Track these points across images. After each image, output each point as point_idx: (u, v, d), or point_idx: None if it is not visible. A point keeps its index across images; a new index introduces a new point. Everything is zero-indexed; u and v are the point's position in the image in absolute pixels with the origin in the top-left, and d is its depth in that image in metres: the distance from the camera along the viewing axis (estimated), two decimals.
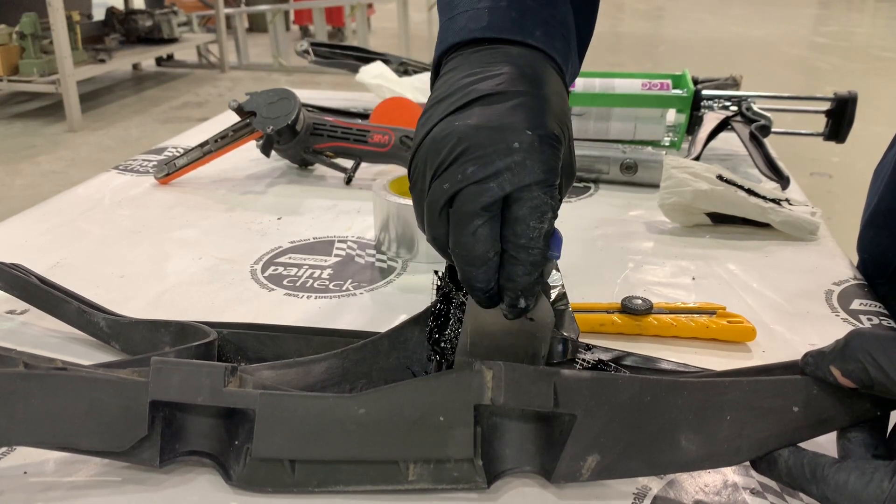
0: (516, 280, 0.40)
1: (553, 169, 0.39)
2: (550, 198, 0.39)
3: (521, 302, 0.40)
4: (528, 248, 0.39)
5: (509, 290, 0.40)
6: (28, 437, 0.40)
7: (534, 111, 0.39)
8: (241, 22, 5.27)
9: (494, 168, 0.38)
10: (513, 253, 0.39)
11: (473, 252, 0.39)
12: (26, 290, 0.58)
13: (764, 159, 0.91)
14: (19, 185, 2.99)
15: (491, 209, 0.38)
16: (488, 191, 0.38)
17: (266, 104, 0.88)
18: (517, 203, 0.38)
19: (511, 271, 0.39)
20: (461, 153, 0.38)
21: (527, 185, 0.38)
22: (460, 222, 0.39)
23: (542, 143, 0.39)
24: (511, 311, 0.41)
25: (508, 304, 0.41)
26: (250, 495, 0.41)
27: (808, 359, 0.39)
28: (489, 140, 0.38)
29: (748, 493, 0.42)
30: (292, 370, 0.44)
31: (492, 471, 0.41)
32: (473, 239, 0.38)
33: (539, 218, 0.38)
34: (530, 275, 0.40)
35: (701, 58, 5.50)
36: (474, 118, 0.39)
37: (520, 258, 0.39)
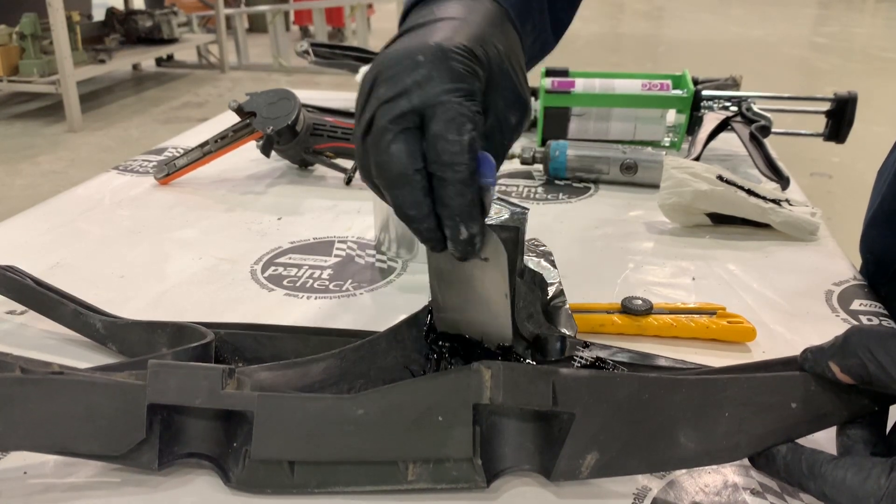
0: (449, 204, 0.38)
1: (463, 77, 0.38)
2: (466, 108, 0.38)
3: (463, 231, 0.38)
4: (453, 164, 0.37)
5: (446, 217, 0.38)
6: (26, 442, 0.40)
7: (448, 30, 0.40)
8: (241, 22, 5.27)
9: (402, 85, 0.37)
10: (439, 173, 0.37)
11: (391, 171, 0.37)
12: (22, 293, 0.58)
13: (764, 160, 0.91)
14: (19, 185, 2.99)
15: (400, 122, 0.37)
16: (397, 105, 0.37)
17: (266, 104, 0.88)
18: (432, 120, 0.37)
19: (441, 194, 0.38)
20: (374, 79, 0.39)
21: (434, 94, 0.37)
22: (375, 144, 0.38)
23: (450, 54, 0.38)
24: (456, 245, 0.39)
25: (451, 237, 0.39)
26: (249, 497, 0.41)
27: (806, 355, 0.39)
28: (398, 61, 0.38)
29: (748, 494, 0.42)
30: (290, 371, 0.44)
31: (491, 470, 0.41)
32: (388, 157, 0.37)
33: (457, 130, 0.37)
34: (463, 195, 0.38)
35: (701, 58, 5.50)
36: (393, 48, 0.40)
37: (447, 177, 0.37)
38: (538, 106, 1.02)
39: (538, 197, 0.88)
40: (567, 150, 0.91)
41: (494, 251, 0.41)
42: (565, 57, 0.97)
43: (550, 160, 0.91)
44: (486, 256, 0.41)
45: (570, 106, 1.01)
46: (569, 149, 0.91)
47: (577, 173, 0.91)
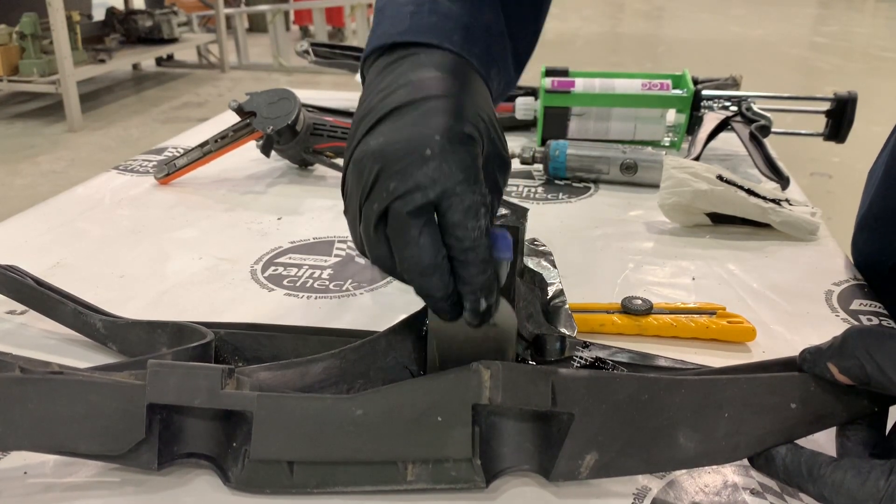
0: (472, 282, 0.40)
1: (470, 167, 0.39)
2: (479, 195, 0.39)
3: (482, 303, 0.41)
4: (474, 248, 0.39)
5: (468, 294, 0.40)
6: (25, 442, 0.40)
7: (442, 114, 0.40)
8: (241, 22, 5.27)
9: (414, 181, 0.38)
10: (461, 258, 0.39)
11: (422, 262, 0.39)
12: (22, 292, 0.58)
13: (764, 159, 0.91)
14: (19, 185, 2.99)
15: (422, 215, 0.39)
16: (413, 200, 0.38)
17: (266, 104, 0.88)
18: (449, 210, 0.39)
19: (465, 275, 0.40)
20: (380, 172, 0.39)
21: (449, 187, 0.38)
22: (399, 237, 0.39)
23: (455, 145, 0.39)
24: (474, 315, 0.41)
25: (471, 309, 0.41)
26: (249, 497, 0.41)
27: (805, 355, 0.39)
28: (402, 153, 0.39)
29: (748, 494, 0.42)
30: (290, 371, 0.44)
31: (490, 470, 0.41)
32: (418, 249, 0.39)
33: (474, 217, 0.39)
34: (484, 272, 0.40)
35: (701, 58, 5.50)
36: (385, 135, 0.40)
37: (468, 259, 0.39)
38: (538, 106, 1.02)
39: (538, 197, 0.88)
40: (567, 150, 0.91)
41: (504, 317, 0.43)
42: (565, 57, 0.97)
43: (550, 160, 0.91)
44: (494, 322, 0.43)
45: (570, 106, 1.01)
46: (569, 149, 0.91)
47: (577, 173, 0.91)
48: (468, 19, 0.47)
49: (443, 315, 0.42)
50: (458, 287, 0.40)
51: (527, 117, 1.06)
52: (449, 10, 0.46)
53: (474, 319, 0.41)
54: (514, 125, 1.09)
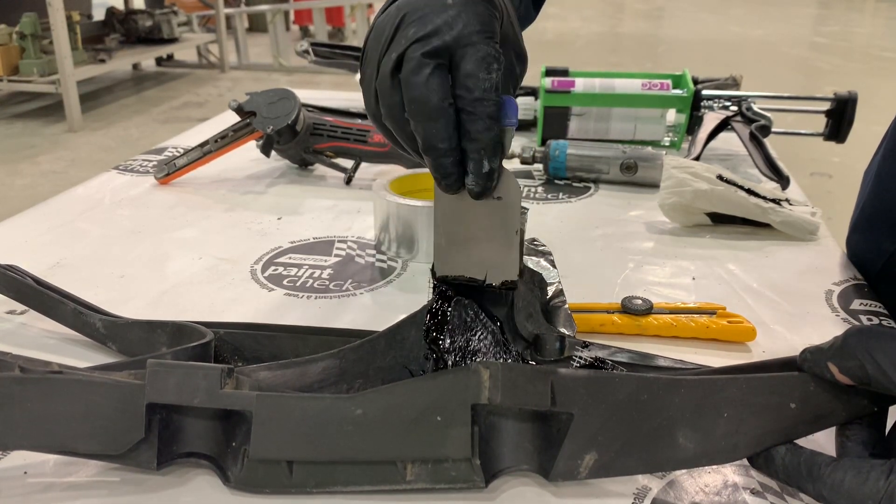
0: (478, 138, 0.40)
1: (488, 21, 0.41)
2: (494, 49, 0.40)
3: (486, 164, 0.41)
4: (483, 100, 0.40)
5: (473, 151, 0.41)
6: (25, 441, 0.40)
7: None
8: (241, 22, 5.27)
9: (433, 25, 0.40)
10: (469, 108, 0.40)
11: (429, 103, 0.40)
12: (22, 292, 0.58)
13: (764, 159, 0.91)
14: (19, 185, 2.99)
15: (436, 57, 0.40)
16: (430, 42, 0.39)
17: (266, 104, 0.88)
18: (463, 58, 0.40)
19: (471, 128, 0.40)
20: (402, 20, 0.40)
21: (466, 35, 0.40)
22: (410, 77, 0.40)
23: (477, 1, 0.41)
24: (478, 180, 0.41)
25: (474, 170, 0.41)
26: (248, 496, 0.41)
27: (805, 355, 0.39)
28: (427, 3, 0.40)
29: (748, 494, 0.42)
30: (289, 370, 0.44)
31: (490, 470, 0.41)
32: (426, 89, 0.39)
33: (486, 68, 0.40)
34: (491, 129, 0.40)
35: (701, 58, 5.50)
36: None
37: (477, 111, 0.40)
38: (538, 106, 1.02)
39: (538, 197, 0.88)
40: (567, 150, 0.91)
41: (508, 189, 0.44)
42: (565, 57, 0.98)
43: (550, 160, 0.91)
44: (499, 195, 0.43)
45: (570, 106, 1.01)
46: (569, 148, 0.91)
47: (577, 173, 0.91)
48: None
49: (446, 179, 0.42)
50: (463, 144, 0.41)
51: (527, 117, 1.06)
52: None
53: (477, 184, 0.42)
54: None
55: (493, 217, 0.44)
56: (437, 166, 0.42)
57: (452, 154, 0.41)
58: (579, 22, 7.26)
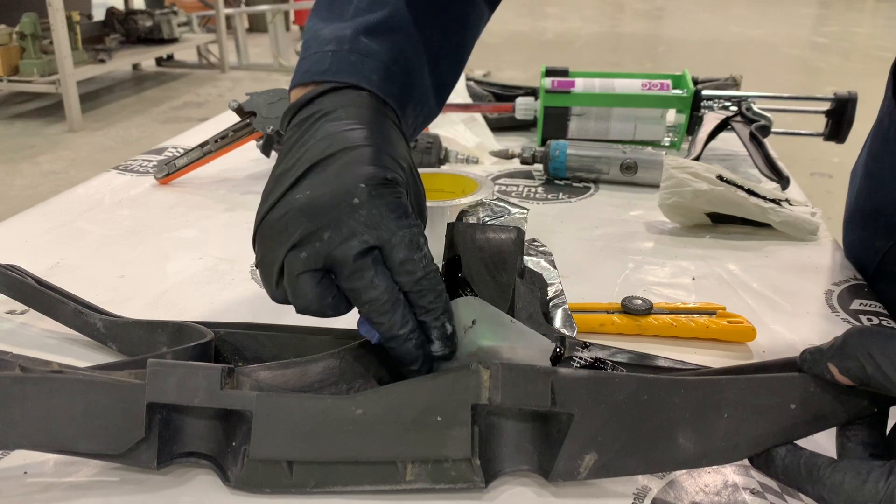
0: (433, 308, 0.42)
1: (399, 205, 0.41)
2: (415, 228, 0.41)
3: (448, 326, 0.43)
4: (427, 276, 0.41)
5: (433, 321, 0.42)
6: (25, 441, 0.40)
7: (363, 163, 0.41)
8: (241, 22, 5.27)
9: (349, 228, 0.40)
10: (416, 289, 0.41)
11: (382, 300, 0.41)
12: (22, 292, 0.58)
13: (764, 159, 0.91)
14: (19, 185, 2.99)
15: (367, 258, 0.40)
16: (353, 247, 0.40)
17: (266, 104, 0.88)
18: (392, 250, 0.41)
19: (424, 303, 0.42)
20: (315, 224, 0.40)
21: (385, 229, 0.40)
22: (354, 283, 0.40)
23: (381, 189, 0.41)
24: (445, 343, 0.43)
25: (439, 337, 0.43)
26: (248, 496, 0.41)
27: (805, 356, 0.39)
28: (334, 207, 0.40)
29: (748, 494, 0.42)
30: (289, 370, 0.44)
31: (490, 470, 0.41)
32: (374, 289, 0.40)
33: (418, 248, 0.41)
34: (440, 294, 0.42)
35: (701, 58, 5.50)
36: (310, 188, 0.41)
37: (424, 288, 0.41)
38: (538, 106, 1.02)
39: (538, 197, 0.88)
40: (567, 150, 0.91)
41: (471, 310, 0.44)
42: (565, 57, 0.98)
43: (550, 160, 0.91)
44: (472, 320, 0.44)
45: (570, 106, 1.01)
46: (569, 149, 0.91)
47: (577, 173, 0.91)
48: (387, 57, 0.48)
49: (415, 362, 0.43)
50: (420, 319, 0.42)
51: (527, 117, 1.06)
52: (369, 49, 0.48)
53: (446, 345, 0.43)
54: (514, 125, 1.09)
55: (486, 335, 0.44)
56: (405, 353, 0.42)
57: (415, 336, 0.42)
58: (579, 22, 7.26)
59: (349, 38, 0.48)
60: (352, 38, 0.48)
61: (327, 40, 0.48)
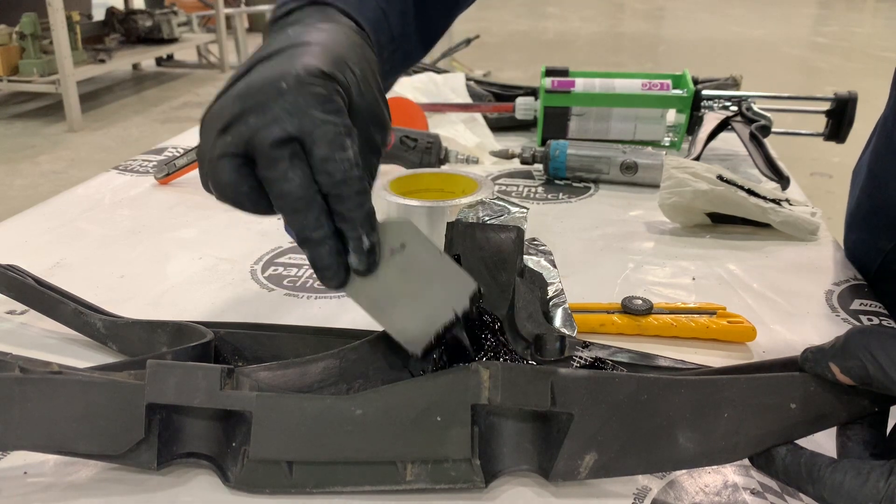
0: (352, 217, 0.39)
1: (328, 99, 0.39)
2: (341, 126, 0.39)
3: (366, 241, 0.40)
4: (346, 180, 0.39)
5: (350, 230, 0.40)
6: (25, 442, 0.40)
7: (304, 56, 0.40)
8: (241, 22, 5.26)
9: (272, 113, 0.38)
10: (335, 192, 0.39)
11: (293, 195, 0.38)
12: (22, 292, 0.58)
13: (764, 159, 0.91)
14: (19, 185, 2.99)
15: (286, 147, 0.38)
16: (272, 132, 0.38)
17: None
18: (314, 144, 0.38)
19: (342, 209, 0.39)
20: (238, 108, 0.39)
21: (308, 119, 0.38)
22: (269, 173, 0.39)
23: (312, 79, 0.39)
24: (360, 257, 0.40)
25: (356, 249, 0.40)
26: (248, 496, 0.41)
27: (807, 355, 0.39)
28: (261, 90, 0.39)
29: (748, 494, 0.42)
30: (289, 370, 0.44)
31: (489, 470, 0.41)
32: (287, 182, 0.38)
33: (341, 147, 0.39)
34: (362, 205, 0.39)
35: (701, 58, 5.50)
36: (250, 77, 0.40)
37: (343, 193, 0.39)
38: (538, 106, 1.02)
39: (538, 197, 0.88)
40: (567, 150, 0.91)
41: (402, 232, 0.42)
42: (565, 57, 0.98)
43: (550, 160, 0.91)
44: (401, 243, 0.42)
45: (570, 106, 1.01)
46: (569, 148, 0.91)
47: (577, 173, 0.91)
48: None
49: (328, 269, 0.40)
50: (338, 226, 0.40)
51: (527, 117, 1.06)
52: None
53: (362, 260, 0.40)
54: (514, 125, 1.09)
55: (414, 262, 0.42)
56: (316, 257, 0.40)
57: (328, 241, 0.40)
58: (579, 22, 7.26)
59: None
60: None
61: None
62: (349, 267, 0.41)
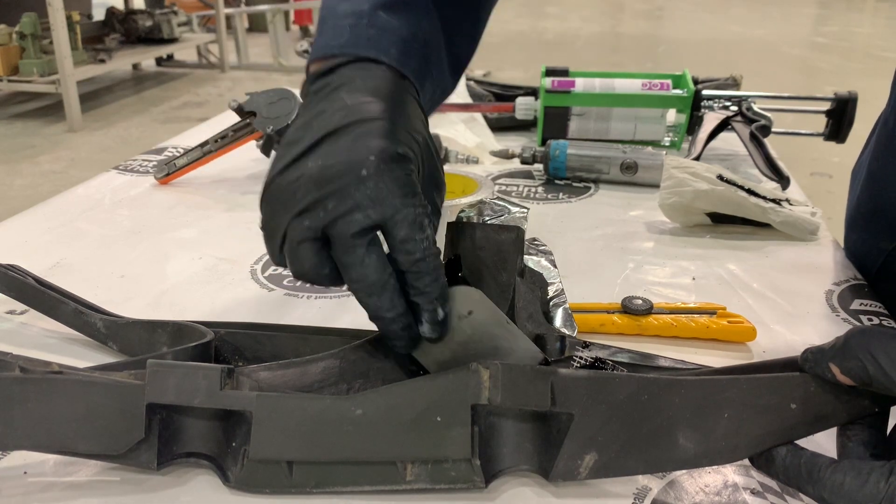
0: (428, 291, 0.41)
1: (407, 183, 0.40)
2: (420, 208, 0.40)
3: (440, 312, 0.41)
4: (425, 258, 0.40)
5: (425, 304, 0.41)
6: (25, 442, 0.40)
7: (376, 137, 0.41)
8: (241, 22, 5.27)
9: (353, 200, 0.39)
10: (414, 269, 0.40)
11: (370, 280, 0.40)
12: (23, 292, 0.58)
13: (764, 159, 0.91)
14: (19, 185, 2.99)
15: (366, 236, 0.39)
16: (356, 221, 0.39)
17: (266, 104, 0.88)
18: (395, 227, 0.40)
19: (420, 286, 0.41)
20: (320, 193, 0.39)
21: (390, 206, 0.39)
22: (345, 258, 0.40)
23: (390, 164, 0.40)
24: (433, 328, 0.42)
25: (430, 320, 0.41)
26: (248, 496, 0.41)
27: (807, 355, 0.39)
28: (338, 175, 0.39)
29: (748, 494, 0.42)
30: (289, 370, 0.44)
31: (489, 470, 0.41)
32: (364, 269, 0.40)
33: (420, 229, 0.40)
34: (437, 280, 0.41)
35: (701, 58, 5.50)
36: (321, 157, 0.40)
37: (422, 269, 0.40)
38: (538, 106, 1.02)
39: (538, 196, 0.88)
40: (567, 150, 0.91)
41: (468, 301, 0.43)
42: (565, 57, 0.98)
43: (550, 160, 0.91)
44: (468, 311, 0.43)
45: (570, 106, 1.01)
46: (569, 148, 0.91)
47: (577, 173, 0.91)
48: (406, 32, 0.47)
49: (399, 340, 0.42)
50: (413, 299, 0.41)
51: (527, 117, 1.06)
52: (387, 24, 0.47)
53: (434, 331, 0.42)
54: (514, 125, 1.09)
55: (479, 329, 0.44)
56: (388, 332, 0.42)
57: (403, 318, 0.41)
58: (579, 22, 7.26)
59: (367, 12, 0.47)
60: (370, 12, 0.47)
61: (345, 15, 0.47)
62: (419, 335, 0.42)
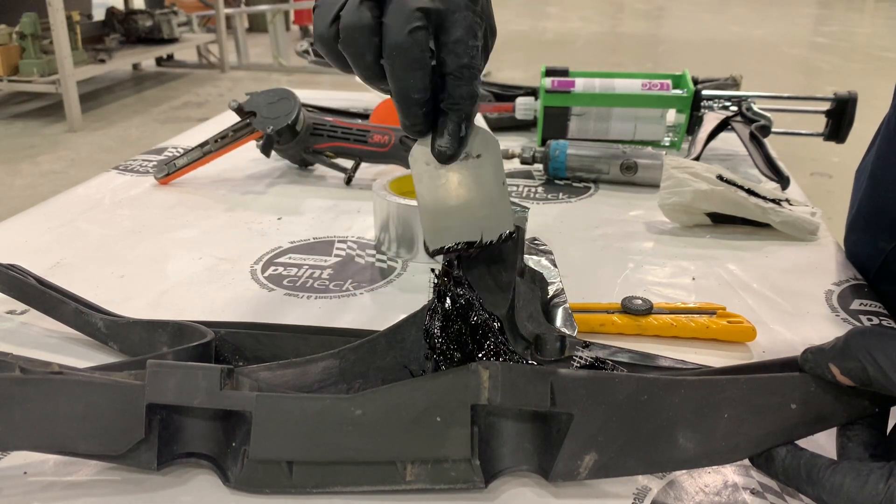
0: (461, 102, 0.41)
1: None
2: (479, 18, 0.41)
3: (463, 128, 0.42)
4: (470, 66, 0.41)
5: (453, 113, 0.41)
6: (25, 442, 0.40)
7: None
8: (241, 22, 5.27)
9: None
10: (457, 73, 0.41)
11: (412, 54, 0.40)
12: (24, 291, 0.58)
13: (764, 159, 0.91)
14: (19, 185, 2.99)
15: (424, 17, 0.39)
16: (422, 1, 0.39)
17: (266, 104, 0.88)
18: (453, 24, 0.40)
19: (455, 93, 0.41)
20: None
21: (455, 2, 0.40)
22: (397, 24, 0.39)
23: None
24: (452, 142, 0.42)
25: (452, 132, 0.42)
26: (248, 496, 0.41)
27: (807, 355, 0.39)
28: None
29: (748, 494, 0.42)
30: (289, 370, 0.44)
31: (489, 470, 0.41)
32: (412, 40, 0.39)
33: (474, 36, 0.41)
34: (473, 95, 0.41)
35: (701, 58, 5.50)
36: None
37: (464, 76, 0.41)
38: (538, 106, 1.02)
39: (538, 197, 0.88)
40: (567, 150, 0.91)
41: (486, 145, 0.44)
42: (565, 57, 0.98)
43: (550, 160, 0.91)
44: (478, 153, 0.44)
45: (570, 106, 1.01)
46: (569, 148, 0.91)
47: (577, 173, 0.91)
48: None
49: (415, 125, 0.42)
50: (443, 107, 0.41)
51: (527, 117, 1.06)
52: None
53: (452, 145, 0.42)
54: (514, 125, 1.09)
55: (477, 175, 0.44)
56: (409, 114, 0.42)
57: (426, 106, 0.41)
58: (579, 22, 7.26)
59: None
60: None
61: None
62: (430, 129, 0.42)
